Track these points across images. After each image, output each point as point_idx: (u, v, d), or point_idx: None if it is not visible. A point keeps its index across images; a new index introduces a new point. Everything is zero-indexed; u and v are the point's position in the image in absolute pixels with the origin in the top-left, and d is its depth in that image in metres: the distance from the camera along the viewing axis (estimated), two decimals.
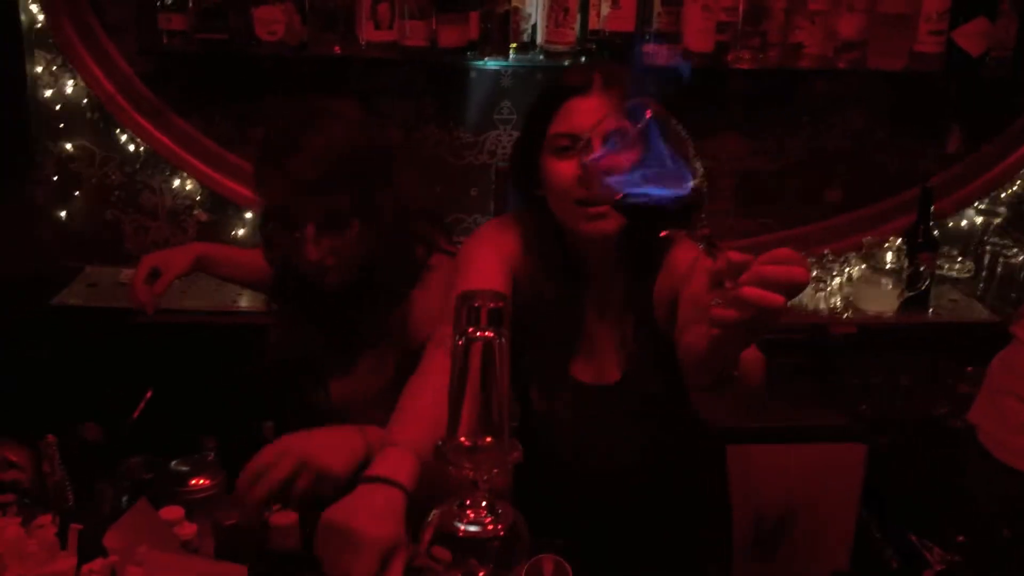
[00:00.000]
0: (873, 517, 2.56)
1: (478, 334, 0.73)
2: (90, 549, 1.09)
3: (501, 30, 2.55)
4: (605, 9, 2.53)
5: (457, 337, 0.74)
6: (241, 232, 2.85)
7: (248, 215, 2.83)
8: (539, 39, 2.61)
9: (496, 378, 0.74)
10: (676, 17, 2.54)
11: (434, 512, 0.82)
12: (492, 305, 0.74)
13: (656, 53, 2.57)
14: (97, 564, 1.04)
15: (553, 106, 1.57)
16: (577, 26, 2.55)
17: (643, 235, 1.56)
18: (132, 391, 1.76)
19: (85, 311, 2.60)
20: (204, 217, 2.88)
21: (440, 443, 0.76)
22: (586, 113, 1.52)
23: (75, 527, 1.09)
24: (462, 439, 0.75)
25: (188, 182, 2.84)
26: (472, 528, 0.80)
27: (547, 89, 1.61)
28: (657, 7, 2.55)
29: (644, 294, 1.61)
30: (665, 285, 1.58)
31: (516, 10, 2.57)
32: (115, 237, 2.89)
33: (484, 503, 0.79)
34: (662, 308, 1.58)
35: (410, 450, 1.37)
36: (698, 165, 0.97)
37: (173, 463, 1.40)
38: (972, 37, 2.61)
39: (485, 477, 0.77)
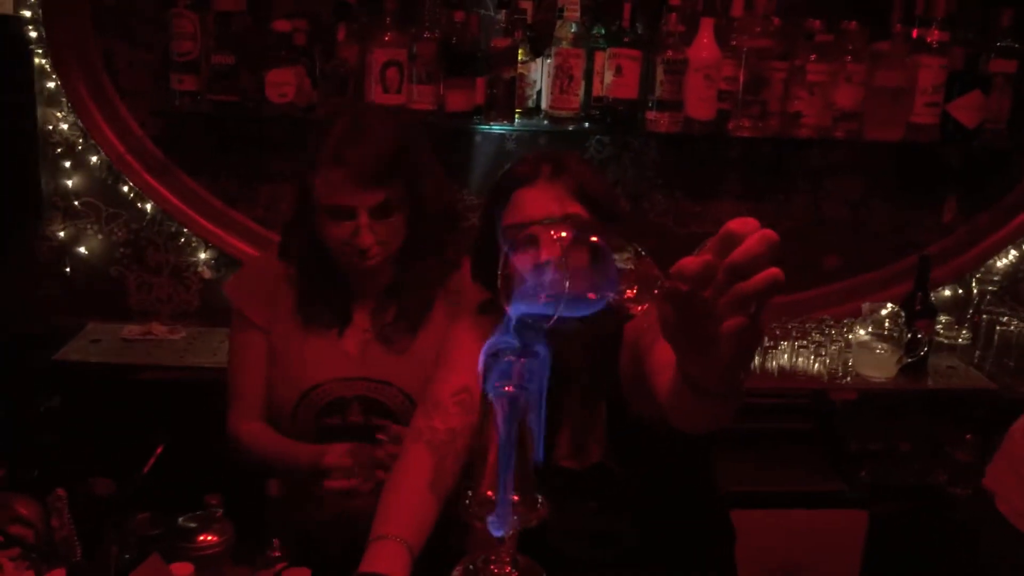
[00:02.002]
0: None
1: (505, 389, 0.75)
2: None
3: (507, 96, 2.60)
4: (609, 77, 2.59)
5: (484, 391, 0.75)
6: None
7: None
8: (544, 105, 2.66)
9: (522, 433, 0.75)
10: (678, 86, 2.60)
11: (457, 568, 0.82)
12: (521, 360, 0.75)
13: (658, 120, 2.63)
14: None
15: (503, 198, 1.60)
16: (581, 93, 2.61)
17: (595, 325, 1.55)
18: (139, 446, 1.76)
19: (89, 366, 2.60)
20: (208, 274, 2.90)
21: (467, 498, 0.77)
22: (533, 204, 1.55)
23: None
24: (488, 493, 0.75)
25: (193, 240, 2.87)
26: None
27: (497, 182, 1.65)
28: (660, 75, 2.60)
29: (610, 375, 1.60)
30: (627, 359, 1.57)
31: (522, 76, 2.62)
32: (119, 293, 2.91)
33: (508, 558, 0.80)
34: (630, 381, 1.56)
35: (401, 543, 1.38)
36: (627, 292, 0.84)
37: (181, 519, 1.39)
38: (967, 110, 2.67)
39: (511, 532, 0.77)
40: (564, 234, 0.79)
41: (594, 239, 0.79)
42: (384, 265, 1.88)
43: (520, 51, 2.61)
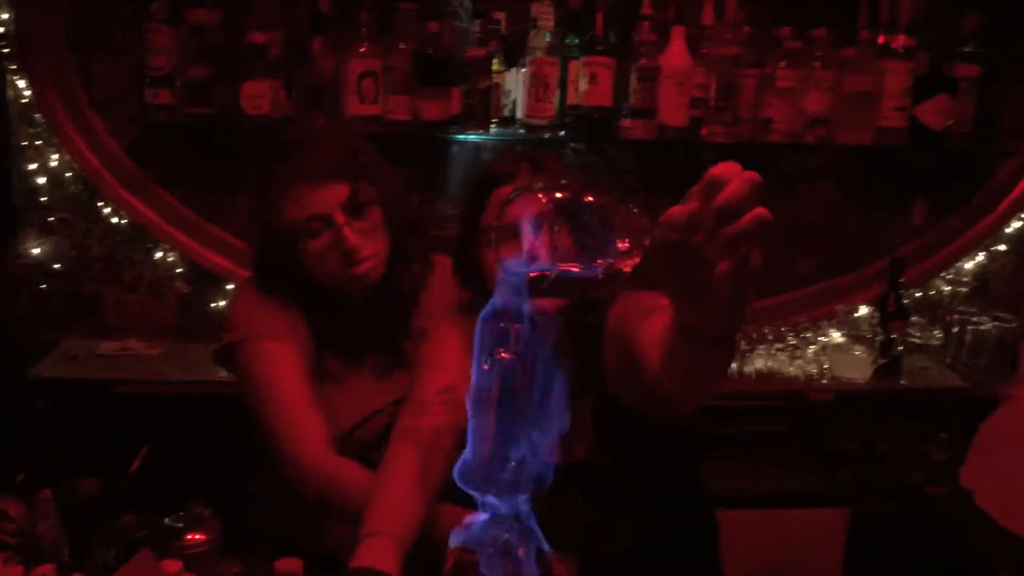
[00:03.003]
0: None
1: (503, 355, 0.76)
2: None
3: (482, 105, 2.62)
4: (583, 85, 2.62)
5: (484, 358, 0.76)
6: (222, 303, 2.85)
7: (229, 286, 2.84)
8: (519, 113, 2.68)
9: (521, 398, 0.76)
10: (651, 93, 2.63)
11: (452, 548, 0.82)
12: (518, 326, 0.76)
13: (632, 128, 2.66)
14: None
15: (483, 197, 1.62)
16: (556, 101, 2.64)
17: (577, 316, 1.57)
18: (122, 454, 1.75)
19: (67, 382, 2.58)
20: (185, 289, 2.89)
21: (465, 461, 0.77)
22: (512, 202, 1.57)
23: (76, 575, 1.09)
24: (487, 458, 0.76)
25: (170, 254, 2.85)
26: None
27: (476, 180, 1.67)
28: (633, 83, 2.64)
29: (594, 369, 1.61)
30: (610, 350, 1.58)
31: (497, 86, 2.64)
32: (95, 310, 2.89)
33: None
34: (615, 372, 1.57)
35: (392, 537, 1.38)
36: (618, 244, 0.85)
37: (167, 519, 1.39)
38: (934, 113, 2.72)
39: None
40: (559, 194, 0.81)
41: (589, 198, 0.80)
42: (377, 280, 1.82)
43: (495, 61, 2.63)
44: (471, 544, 0.79)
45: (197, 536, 1.36)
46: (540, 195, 0.81)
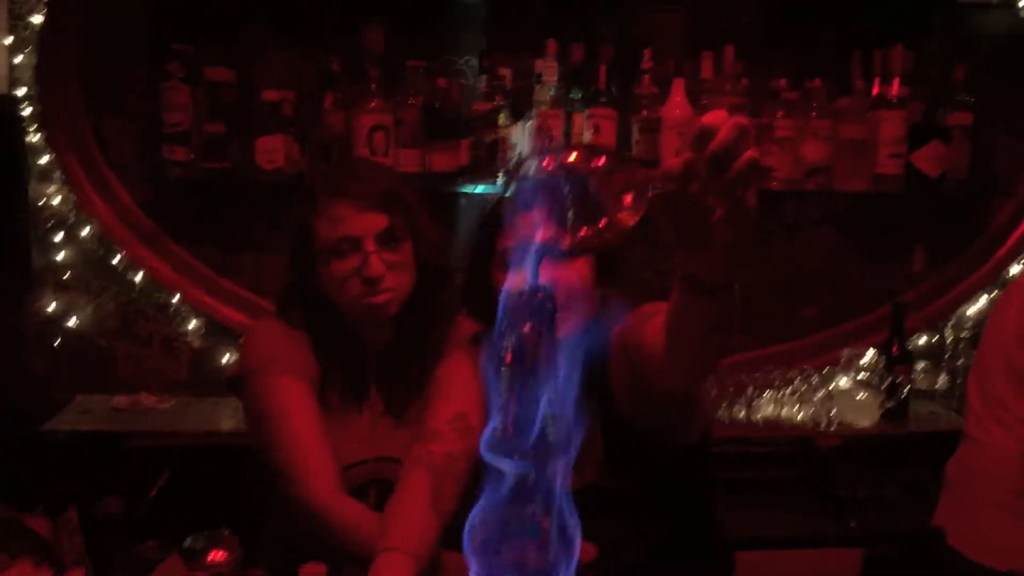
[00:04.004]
0: None
1: (523, 328, 0.79)
2: None
3: (489, 157, 2.69)
4: (587, 136, 2.69)
5: (503, 332, 0.79)
6: (235, 357, 2.88)
7: (241, 341, 2.87)
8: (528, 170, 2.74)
9: (540, 371, 0.79)
10: (654, 144, 2.71)
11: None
12: (540, 297, 0.80)
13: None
14: None
15: (497, 222, 1.66)
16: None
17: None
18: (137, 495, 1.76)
19: (80, 434, 2.59)
20: (197, 344, 2.92)
21: (489, 431, 0.80)
22: (530, 227, 1.61)
23: None
24: (506, 429, 0.79)
25: (183, 309, 2.90)
26: None
27: (489, 211, 1.72)
28: (635, 135, 2.72)
29: (603, 389, 1.63)
30: (618, 366, 1.60)
31: (504, 139, 2.72)
32: (108, 365, 2.92)
33: None
34: (625, 390, 1.60)
35: (407, 554, 1.40)
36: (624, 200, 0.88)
37: (188, 540, 1.40)
38: (928, 160, 2.79)
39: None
40: (572, 156, 0.86)
41: (600, 161, 0.85)
42: (392, 321, 1.82)
43: (501, 116, 2.71)
44: (494, 516, 0.82)
45: (219, 555, 1.37)
46: (549, 160, 0.86)
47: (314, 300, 1.82)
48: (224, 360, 2.90)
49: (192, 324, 2.91)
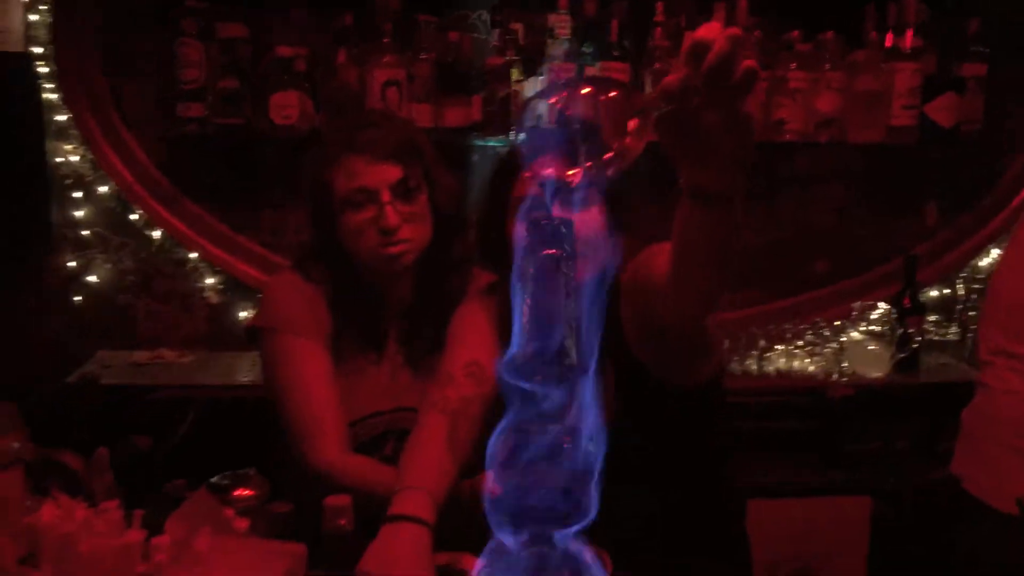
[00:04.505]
0: None
1: (546, 251, 0.81)
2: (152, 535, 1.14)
3: (502, 112, 2.70)
4: None
5: (524, 256, 0.82)
6: (251, 313, 2.92)
7: (259, 296, 2.91)
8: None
9: (565, 294, 0.81)
10: None
11: None
12: (558, 223, 0.82)
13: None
14: (165, 539, 1.08)
15: (511, 174, 1.67)
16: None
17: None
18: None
19: (102, 388, 2.64)
20: (214, 299, 2.96)
21: (513, 354, 0.82)
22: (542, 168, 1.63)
23: (139, 512, 1.14)
24: (527, 351, 0.81)
25: (200, 266, 2.93)
26: None
27: (502, 160, 1.73)
28: (648, 88, 2.71)
29: (614, 332, 1.64)
30: (628, 306, 1.62)
31: (516, 94, 2.72)
32: (127, 322, 2.96)
33: None
34: (636, 331, 1.62)
35: (426, 491, 1.42)
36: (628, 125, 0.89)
37: (215, 478, 1.44)
38: (942, 111, 2.79)
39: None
40: (586, 89, 0.88)
41: (613, 93, 0.87)
42: (410, 273, 1.86)
43: (514, 71, 2.71)
44: (515, 438, 0.84)
45: (246, 492, 1.41)
46: (556, 99, 0.88)
47: (332, 254, 1.86)
48: (241, 316, 2.94)
49: (209, 280, 2.95)
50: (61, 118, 2.82)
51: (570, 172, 0.88)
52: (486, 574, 0.89)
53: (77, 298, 2.93)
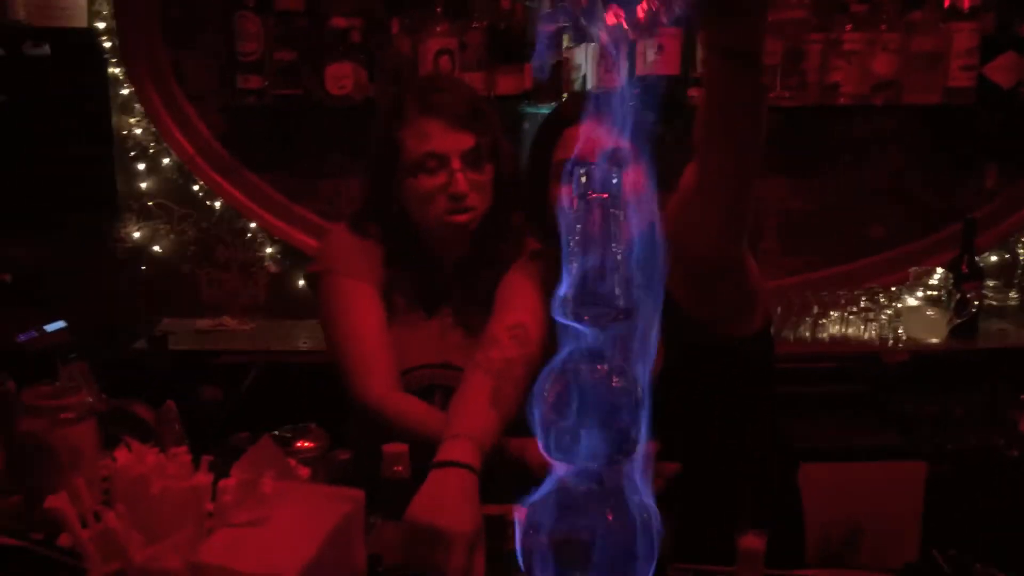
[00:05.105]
0: (937, 546, 2.57)
1: (594, 196, 0.84)
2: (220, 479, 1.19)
3: (554, 79, 2.72)
4: (651, 55, 2.70)
5: (576, 199, 0.85)
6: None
7: None
8: (589, 86, 2.77)
9: (612, 237, 0.84)
10: None
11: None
12: (606, 169, 0.85)
13: (699, 98, 2.72)
14: (232, 481, 1.14)
15: (555, 135, 1.68)
16: (624, 72, 2.72)
17: None
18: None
19: (169, 353, 2.72)
20: (274, 268, 3.03)
21: (563, 295, 0.85)
22: (584, 139, 1.65)
23: (207, 457, 1.20)
24: (579, 290, 0.84)
25: (260, 235, 3.01)
26: None
27: (547, 121, 1.75)
28: (700, 54, 2.71)
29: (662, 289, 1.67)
30: (670, 259, 1.63)
31: (567, 61, 2.74)
32: (190, 290, 3.05)
33: None
34: (679, 282, 1.58)
35: (472, 439, 1.45)
36: None
37: (276, 432, 1.49)
38: (1002, 71, 2.74)
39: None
40: None
41: None
42: (467, 237, 1.90)
43: (564, 37, 2.73)
44: (565, 373, 0.87)
45: (307, 443, 1.46)
46: None
47: (391, 214, 1.89)
48: (300, 284, 3.00)
49: (268, 249, 3.02)
50: (125, 92, 2.90)
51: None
52: (538, 511, 0.92)
53: (142, 267, 3.02)
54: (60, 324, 2.30)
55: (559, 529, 0.91)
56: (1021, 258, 3.06)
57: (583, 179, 0.85)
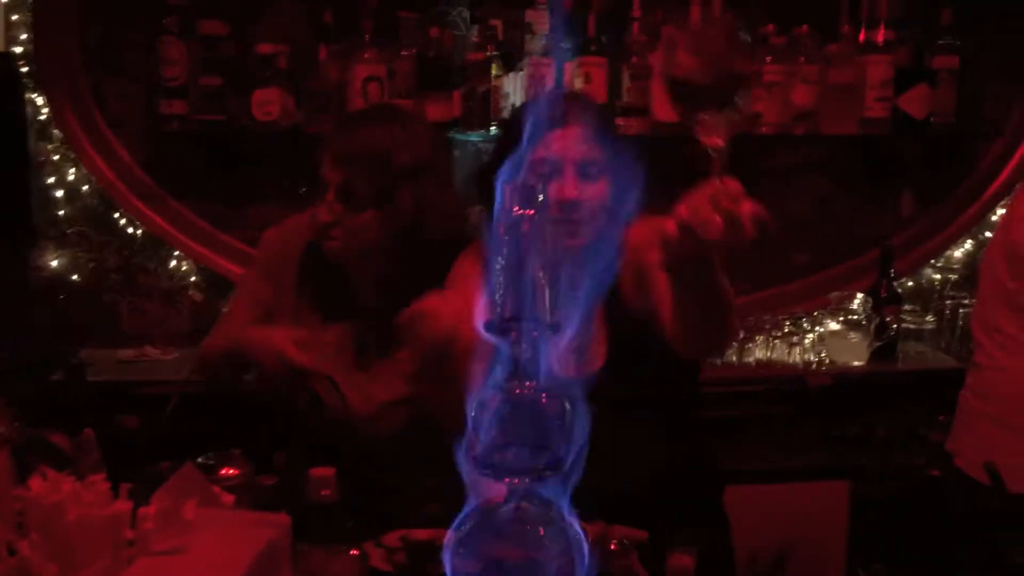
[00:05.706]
0: (861, 564, 2.61)
1: (523, 212, 0.84)
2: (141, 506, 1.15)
3: (482, 106, 2.73)
4: (578, 84, 2.73)
5: (503, 218, 0.84)
6: None
7: None
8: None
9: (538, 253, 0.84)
10: (644, 91, 2.75)
11: None
12: (531, 186, 0.85)
13: (627, 125, 2.77)
14: (153, 508, 1.10)
15: (520, 135, 1.72)
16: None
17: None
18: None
19: (87, 385, 2.65)
20: (199, 297, 2.97)
21: (491, 312, 0.85)
22: (560, 141, 1.69)
23: (125, 485, 1.16)
24: (504, 309, 0.84)
25: (183, 263, 2.95)
26: None
27: (517, 117, 1.78)
28: (626, 82, 2.76)
29: (614, 294, 1.69)
30: (627, 268, 1.68)
31: (496, 89, 2.76)
32: (111, 320, 2.97)
33: None
34: (627, 284, 1.70)
35: None
36: None
37: (200, 458, 1.46)
38: (915, 102, 2.84)
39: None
40: None
41: None
42: (372, 262, 1.96)
43: (493, 66, 2.75)
44: (494, 392, 0.86)
45: (231, 470, 1.43)
46: None
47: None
48: (225, 312, 2.94)
49: (193, 278, 2.96)
50: (43, 117, 2.83)
51: None
52: (467, 530, 0.91)
53: (61, 296, 2.93)
54: None
55: (486, 552, 0.90)
56: (937, 283, 3.16)
57: (510, 194, 0.85)
